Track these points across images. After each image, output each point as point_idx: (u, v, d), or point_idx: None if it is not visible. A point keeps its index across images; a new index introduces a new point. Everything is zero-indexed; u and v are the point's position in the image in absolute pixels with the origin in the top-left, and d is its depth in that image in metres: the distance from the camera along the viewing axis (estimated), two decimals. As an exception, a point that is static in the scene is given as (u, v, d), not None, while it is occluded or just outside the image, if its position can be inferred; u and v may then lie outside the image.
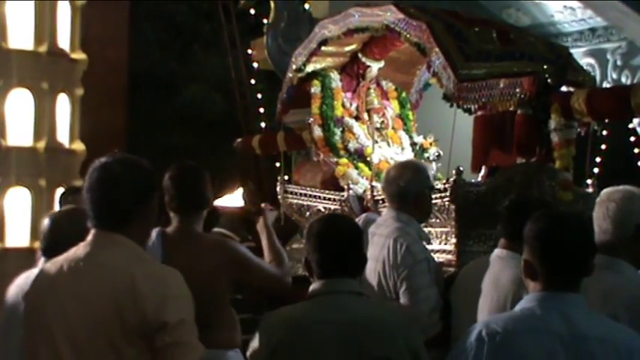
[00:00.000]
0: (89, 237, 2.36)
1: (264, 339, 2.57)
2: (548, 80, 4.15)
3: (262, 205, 3.74)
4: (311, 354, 2.50)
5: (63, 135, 6.72)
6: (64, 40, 6.79)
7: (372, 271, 3.47)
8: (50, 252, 3.20)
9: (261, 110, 8.83)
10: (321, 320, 2.53)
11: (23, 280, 3.11)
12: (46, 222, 3.21)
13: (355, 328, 2.51)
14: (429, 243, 3.74)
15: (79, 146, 6.82)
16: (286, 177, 5.41)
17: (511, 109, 4.30)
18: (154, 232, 3.38)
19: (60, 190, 6.59)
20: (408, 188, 3.60)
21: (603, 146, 7.18)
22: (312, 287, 2.64)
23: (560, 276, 2.23)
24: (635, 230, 2.73)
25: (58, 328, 2.28)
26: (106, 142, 8.00)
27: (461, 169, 4.11)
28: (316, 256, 2.63)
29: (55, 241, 3.16)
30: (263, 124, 8.61)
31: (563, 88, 4.26)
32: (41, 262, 3.23)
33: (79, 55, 6.95)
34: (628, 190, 2.81)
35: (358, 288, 2.66)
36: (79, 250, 2.36)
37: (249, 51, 8.73)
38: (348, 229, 2.70)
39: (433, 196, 4.08)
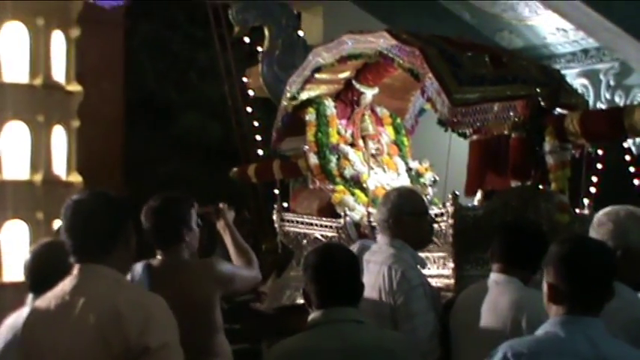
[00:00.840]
0: (74, 271, 2.44)
1: None
2: (542, 103, 4.17)
3: (220, 205, 3.81)
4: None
5: (59, 167, 6.71)
6: (59, 72, 6.80)
7: (368, 299, 3.46)
8: (37, 287, 3.20)
9: (258, 138, 8.85)
10: (324, 349, 2.52)
11: (13, 320, 3.12)
12: (27, 257, 3.22)
13: (358, 356, 2.50)
14: (425, 268, 3.72)
15: (76, 178, 6.81)
16: (284, 204, 5.41)
17: (505, 132, 4.31)
18: (140, 265, 3.41)
19: (58, 222, 6.59)
20: (391, 214, 3.58)
21: (599, 166, 7.20)
22: (311, 317, 2.63)
23: (584, 300, 2.25)
24: (622, 252, 2.73)
25: None
26: (103, 173, 8.04)
27: (457, 193, 4.11)
28: (314, 287, 2.63)
29: (39, 274, 3.18)
30: (261, 152, 8.63)
31: (557, 111, 4.28)
32: (30, 298, 3.22)
33: (75, 87, 6.96)
34: (618, 212, 2.82)
35: (358, 316, 2.66)
36: (65, 284, 2.45)
37: (245, 79, 8.76)
38: (344, 259, 2.71)
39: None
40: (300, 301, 4.60)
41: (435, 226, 4.01)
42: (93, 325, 2.31)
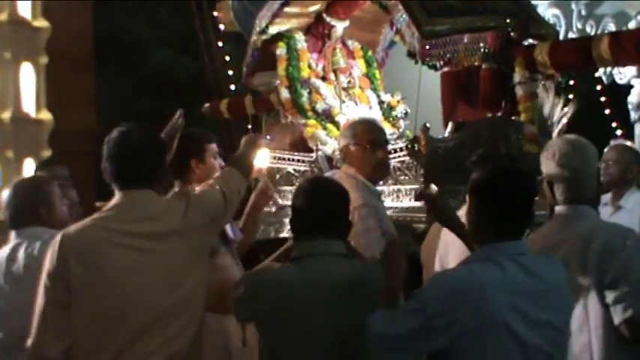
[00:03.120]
0: (116, 197, 2.62)
1: (246, 300, 2.55)
2: (512, 34, 4.16)
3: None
4: (297, 317, 2.50)
5: (29, 105, 6.66)
6: (24, 8, 6.70)
7: None
8: (18, 223, 3.22)
9: (230, 73, 8.78)
10: (309, 283, 2.52)
11: None
12: (7, 194, 3.24)
13: (343, 289, 2.52)
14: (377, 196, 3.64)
15: (46, 116, 6.77)
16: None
17: (476, 64, 4.31)
18: None
19: (28, 161, 6.55)
20: (342, 143, 3.55)
21: (570, 96, 7.24)
22: (298, 247, 2.63)
23: (509, 226, 2.31)
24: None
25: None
26: (73, 110, 7.96)
27: (427, 125, 4.12)
28: (305, 215, 2.63)
29: (20, 211, 3.19)
30: (233, 87, 8.57)
31: (528, 42, 4.28)
32: (12, 235, 3.23)
33: (42, 23, 6.86)
34: (562, 140, 2.85)
35: (344, 250, 2.67)
36: (110, 207, 2.62)
37: (215, 13, 8.64)
38: (337, 191, 2.71)
39: (401, 154, 4.11)
40: (273, 235, 4.65)
41: (407, 158, 4.04)
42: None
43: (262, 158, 3.76)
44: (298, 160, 4.85)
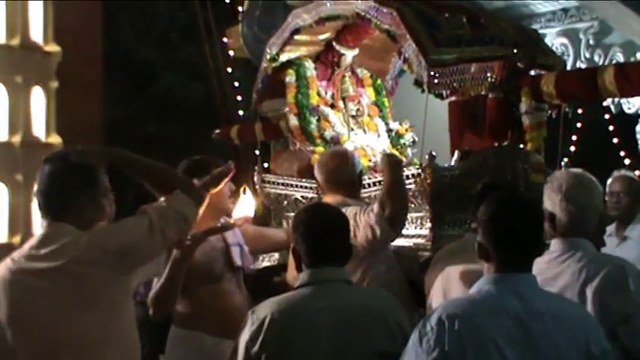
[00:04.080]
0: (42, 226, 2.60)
1: (254, 328, 2.55)
2: (519, 64, 4.19)
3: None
4: (305, 343, 2.51)
5: (39, 128, 6.71)
6: (36, 33, 6.77)
7: None
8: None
9: (239, 98, 8.82)
10: (314, 309, 2.54)
11: None
12: None
13: (348, 316, 2.54)
14: None
15: (55, 139, 6.82)
16: (265, 164, 5.43)
17: (483, 93, 4.33)
18: None
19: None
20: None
21: (578, 124, 7.26)
22: (301, 277, 2.65)
23: (513, 257, 2.31)
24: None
25: None
26: (82, 134, 8.01)
27: (434, 154, 4.14)
28: (305, 245, 2.64)
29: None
30: (241, 112, 8.61)
31: (534, 72, 4.30)
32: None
33: (53, 48, 6.93)
34: (567, 174, 2.87)
35: (347, 276, 2.69)
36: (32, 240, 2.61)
37: (225, 39, 8.71)
38: (336, 218, 2.73)
39: (408, 182, 4.13)
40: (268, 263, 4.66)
41: (413, 186, 4.06)
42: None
43: (246, 206, 3.77)
44: (306, 187, 4.86)
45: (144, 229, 2.53)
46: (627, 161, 7.25)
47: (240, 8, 8.22)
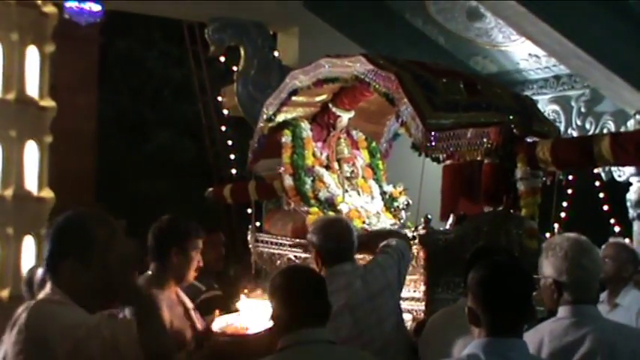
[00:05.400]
0: None
1: None
2: (514, 130, 4.23)
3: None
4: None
5: (31, 182, 6.69)
6: (32, 88, 6.79)
7: None
8: None
9: (232, 157, 8.86)
10: None
11: None
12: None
13: None
14: None
15: (47, 194, 6.79)
16: (257, 224, 5.42)
17: (478, 158, 4.36)
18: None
19: (28, 238, 6.54)
20: None
21: (569, 191, 7.31)
22: (283, 339, 2.63)
23: (503, 322, 2.30)
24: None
25: None
26: (75, 189, 8.00)
27: (429, 217, 4.15)
28: (283, 309, 2.63)
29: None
30: (234, 171, 8.64)
31: (529, 138, 4.34)
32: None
33: (48, 103, 6.95)
34: (564, 240, 2.87)
35: (329, 337, 2.67)
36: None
37: (220, 98, 8.78)
38: (311, 280, 2.73)
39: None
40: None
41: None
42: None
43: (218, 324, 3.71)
44: (300, 247, 4.85)
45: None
46: (617, 228, 7.29)
47: (235, 68, 8.31)
